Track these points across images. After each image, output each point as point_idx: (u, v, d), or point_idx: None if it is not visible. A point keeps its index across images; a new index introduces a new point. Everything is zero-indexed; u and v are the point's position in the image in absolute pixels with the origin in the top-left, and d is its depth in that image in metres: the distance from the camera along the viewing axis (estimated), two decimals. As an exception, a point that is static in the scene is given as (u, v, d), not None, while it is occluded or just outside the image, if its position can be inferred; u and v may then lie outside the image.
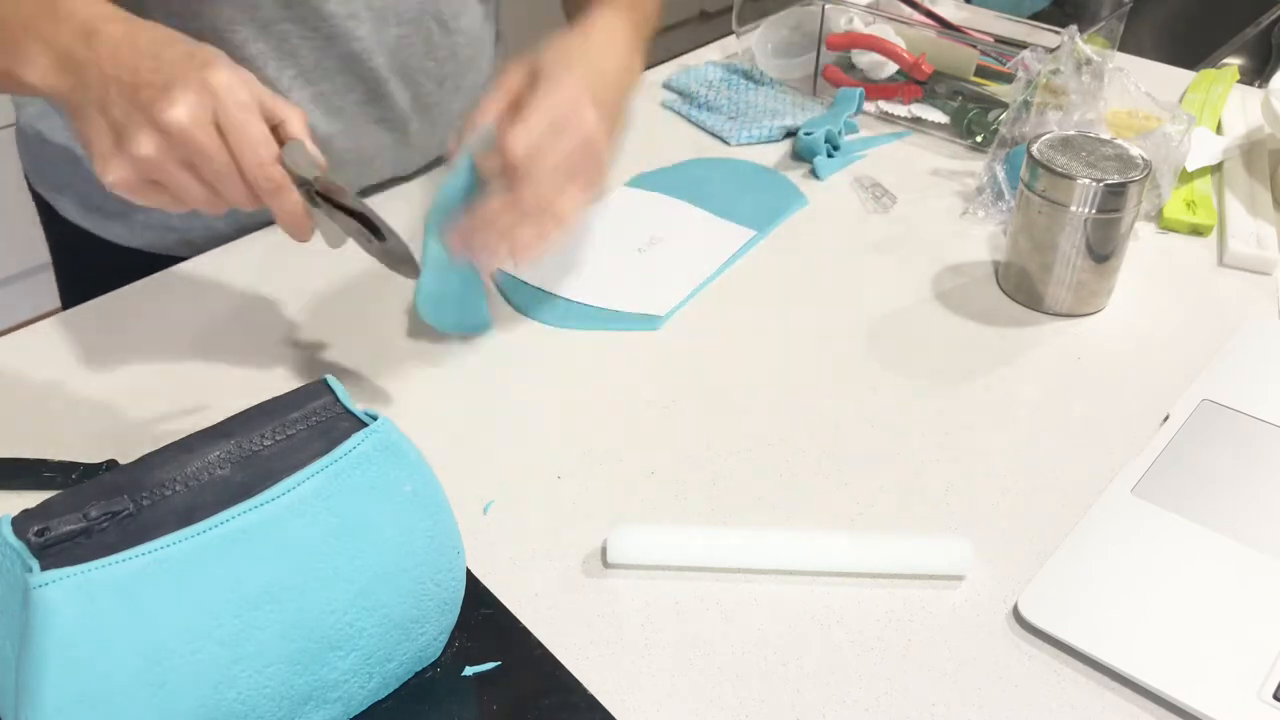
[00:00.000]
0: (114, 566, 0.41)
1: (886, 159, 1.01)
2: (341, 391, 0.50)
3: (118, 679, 0.41)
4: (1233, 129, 1.04)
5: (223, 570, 0.44)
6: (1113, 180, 0.75)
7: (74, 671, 0.40)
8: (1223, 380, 0.73)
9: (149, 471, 0.45)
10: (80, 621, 0.40)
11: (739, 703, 0.53)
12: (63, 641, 0.40)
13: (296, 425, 0.48)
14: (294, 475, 0.46)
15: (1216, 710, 0.52)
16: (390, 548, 0.48)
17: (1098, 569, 0.59)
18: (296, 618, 0.46)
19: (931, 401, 0.72)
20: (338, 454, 0.47)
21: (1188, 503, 0.63)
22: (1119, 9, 1.08)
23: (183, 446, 0.47)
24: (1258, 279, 0.86)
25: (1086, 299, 0.80)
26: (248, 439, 0.47)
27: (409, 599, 0.49)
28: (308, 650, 0.47)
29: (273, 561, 0.45)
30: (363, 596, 0.48)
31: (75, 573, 0.40)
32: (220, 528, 0.43)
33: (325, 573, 0.46)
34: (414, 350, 0.76)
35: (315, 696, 0.48)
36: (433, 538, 0.50)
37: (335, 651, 0.48)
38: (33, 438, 0.67)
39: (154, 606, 0.42)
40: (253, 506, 0.44)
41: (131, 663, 0.42)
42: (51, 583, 0.40)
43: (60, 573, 0.40)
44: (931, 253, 0.87)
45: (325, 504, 0.46)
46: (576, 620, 0.57)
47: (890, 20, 1.08)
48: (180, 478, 0.45)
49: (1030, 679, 0.55)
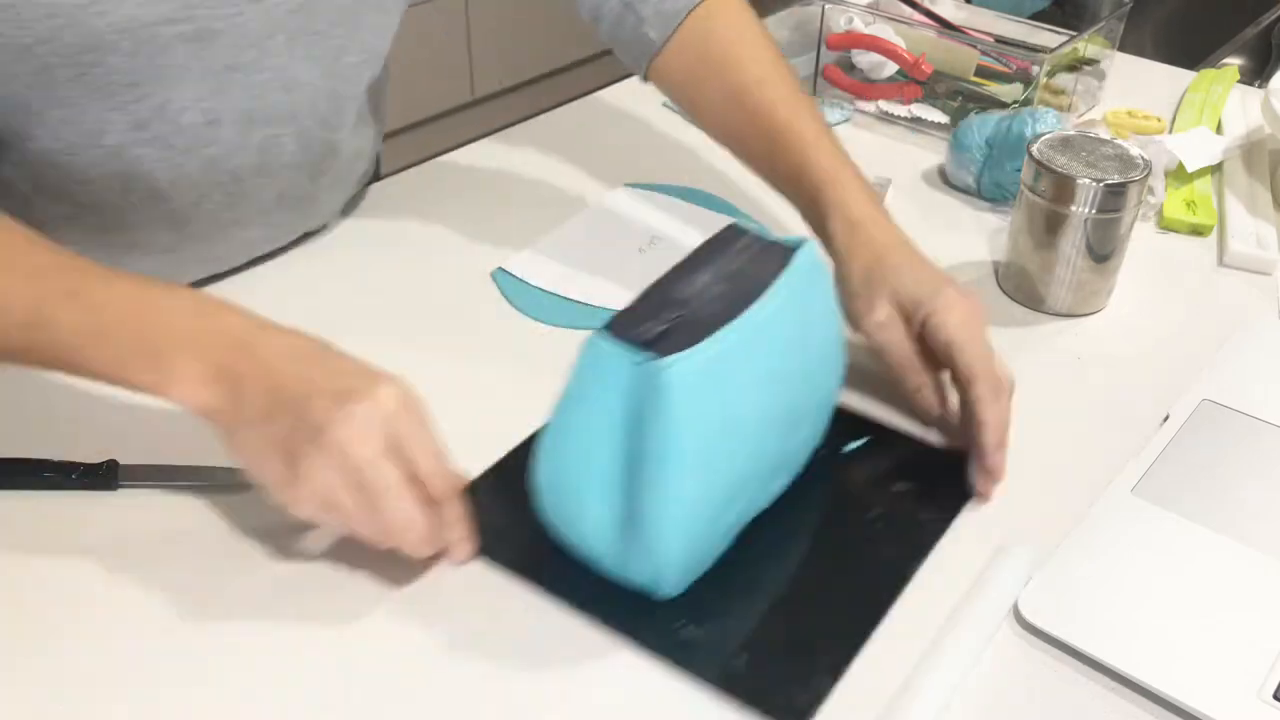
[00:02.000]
0: (702, 352, 0.51)
1: (887, 158, 1.01)
2: (759, 226, 0.61)
3: (710, 438, 0.52)
4: (1233, 129, 1.04)
5: (753, 356, 0.54)
6: (1113, 180, 0.75)
7: (694, 431, 0.51)
8: (1223, 380, 0.73)
9: (667, 295, 0.55)
10: (693, 393, 0.51)
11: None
12: (687, 407, 0.51)
13: (748, 251, 0.58)
14: (776, 281, 0.56)
15: (1216, 710, 0.52)
16: (827, 338, 0.61)
17: (1098, 569, 0.59)
18: (788, 393, 0.57)
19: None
20: (799, 262, 0.57)
21: (1188, 503, 0.63)
22: (1119, 9, 1.08)
23: (674, 279, 0.56)
24: (1258, 279, 0.86)
25: (1086, 299, 0.80)
26: (721, 266, 0.57)
27: (830, 384, 0.62)
28: (788, 421, 0.58)
29: (777, 347, 0.56)
30: (814, 377, 0.60)
31: (685, 356, 0.50)
32: (749, 322, 0.54)
33: (801, 356, 0.58)
34: (405, 353, 0.76)
35: (781, 466, 0.60)
36: (840, 334, 0.62)
37: (799, 425, 0.60)
38: (33, 438, 0.67)
39: (724, 382, 0.52)
40: (761, 306, 0.54)
41: (716, 425, 0.52)
42: (674, 364, 0.50)
43: (677, 357, 0.50)
44: (931, 253, 0.87)
45: (798, 301, 0.57)
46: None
47: (890, 20, 1.08)
48: (692, 296, 0.55)
49: (1030, 679, 0.55)
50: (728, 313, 0.53)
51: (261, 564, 0.60)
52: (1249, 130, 1.04)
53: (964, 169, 0.94)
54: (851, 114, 1.08)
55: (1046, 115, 0.89)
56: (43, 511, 0.62)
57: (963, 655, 0.54)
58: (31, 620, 0.57)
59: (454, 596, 0.58)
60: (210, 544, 0.61)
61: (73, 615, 0.57)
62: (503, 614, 0.57)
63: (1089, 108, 1.10)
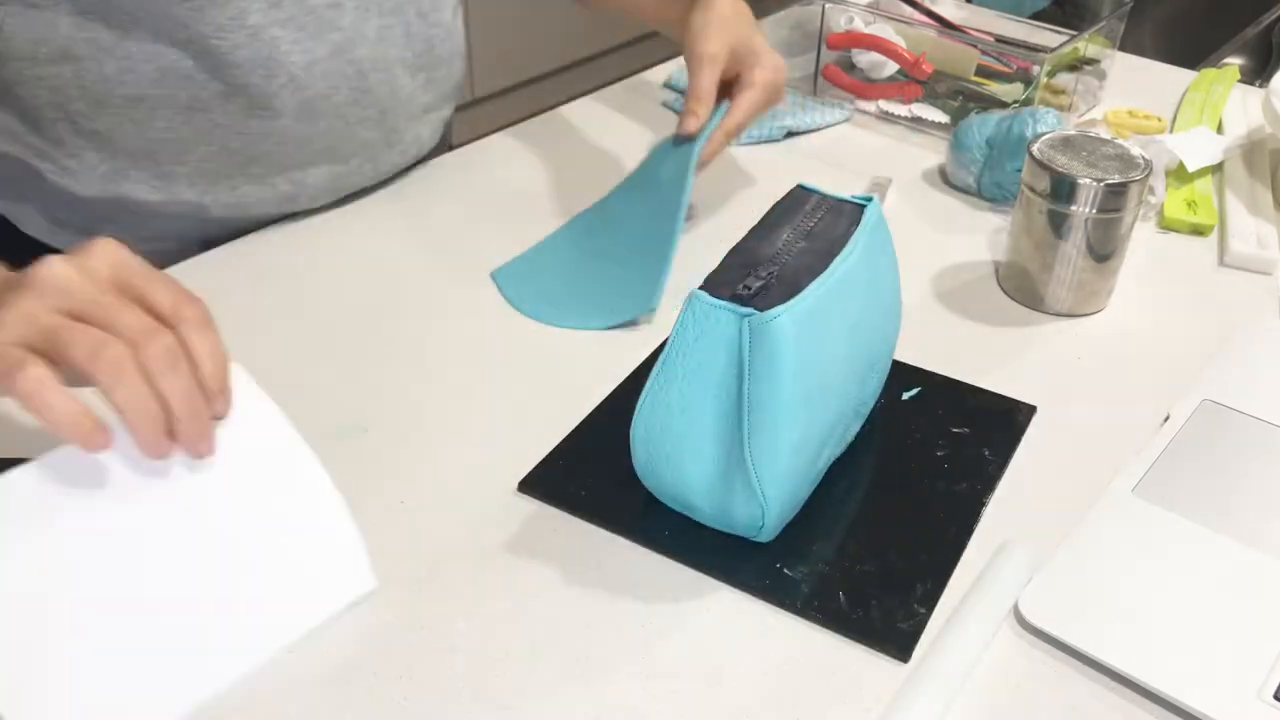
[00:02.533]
0: (801, 303, 0.55)
1: (887, 158, 1.01)
2: (822, 188, 0.65)
3: (809, 386, 0.56)
4: (1233, 129, 1.04)
5: (839, 307, 0.58)
6: (1113, 180, 0.75)
7: (796, 379, 0.55)
8: (1223, 380, 0.73)
9: (754, 255, 0.59)
10: (795, 343, 0.55)
11: (738, 701, 0.53)
12: (791, 356, 0.55)
13: (819, 211, 0.63)
14: (852, 237, 0.60)
15: (1216, 710, 0.52)
16: (893, 290, 0.65)
17: (1098, 569, 0.59)
18: (865, 341, 0.62)
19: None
20: (868, 218, 0.62)
21: (1188, 503, 0.63)
22: (1119, 9, 1.08)
23: (756, 240, 0.60)
24: (1258, 279, 0.86)
25: (1087, 299, 0.80)
26: (798, 225, 0.61)
27: (894, 334, 0.67)
28: (865, 368, 0.63)
29: (857, 298, 0.60)
30: (883, 327, 0.64)
31: (788, 308, 0.54)
32: (834, 276, 0.58)
33: (875, 306, 0.62)
34: (396, 364, 0.76)
35: (858, 411, 0.65)
36: (898, 287, 0.67)
37: (873, 371, 0.64)
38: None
39: (819, 333, 0.56)
40: (843, 259, 0.58)
41: (813, 373, 0.56)
42: (781, 315, 0.54)
43: (782, 309, 0.54)
44: (931, 253, 0.87)
45: (871, 255, 0.61)
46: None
47: (890, 20, 1.08)
48: (775, 255, 0.59)
49: (1030, 679, 0.55)
50: (815, 267, 0.58)
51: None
52: (1249, 130, 1.04)
53: (964, 169, 0.94)
54: (851, 114, 1.08)
55: (1047, 115, 0.89)
56: (43, 511, 0.62)
57: (963, 655, 0.54)
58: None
59: (550, 555, 0.60)
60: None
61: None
62: (606, 564, 0.60)
63: (1089, 108, 1.10)
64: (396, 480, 0.65)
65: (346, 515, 0.57)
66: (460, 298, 0.81)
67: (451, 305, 0.80)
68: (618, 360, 0.75)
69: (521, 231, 0.88)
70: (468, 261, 0.85)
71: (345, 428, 0.69)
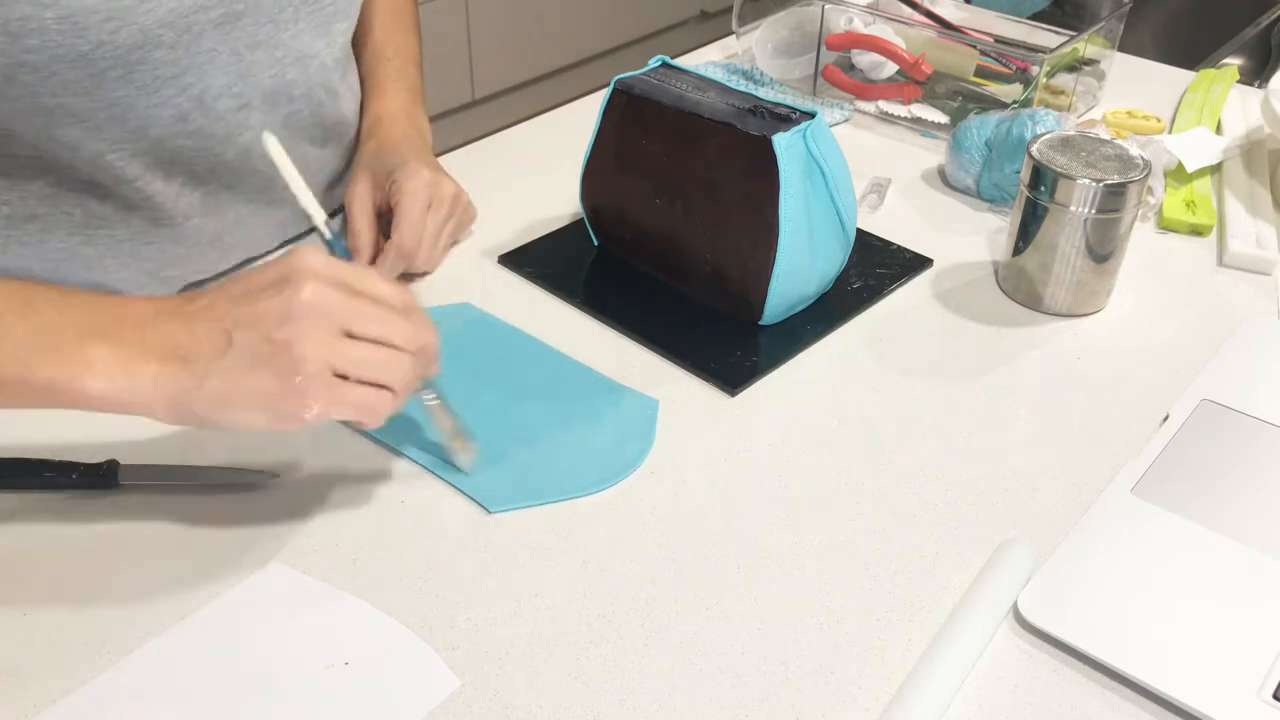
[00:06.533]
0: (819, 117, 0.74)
1: (887, 158, 1.01)
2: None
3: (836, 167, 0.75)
4: (1233, 129, 1.04)
5: (808, 161, 0.73)
6: (1113, 180, 0.75)
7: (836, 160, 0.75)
8: (1223, 380, 0.73)
9: (740, 106, 0.75)
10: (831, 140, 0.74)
11: (737, 701, 0.53)
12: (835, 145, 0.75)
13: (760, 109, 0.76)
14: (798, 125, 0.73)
15: (1216, 710, 0.52)
16: (846, 183, 0.77)
17: (1098, 569, 0.59)
18: (825, 211, 0.75)
19: (931, 402, 0.72)
20: (819, 117, 0.74)
21: (1188, 503, 0.63)
22: (1119, 9, 1.08)
23: (703, 102, 0.76)
24: (1258, 279, 0.86)
25: (1086, 299, 0.80)
26: (735, 99, 0.77)
27: (850, 227, 0.78)
28: (821, 239, 0.76)
29: (823, 159, 0.74)
30: (840, 217, 0.77)
31: (805, 127, 0.72)
32: (805, 132, 0.73)
33: (834, 182, 0.75)
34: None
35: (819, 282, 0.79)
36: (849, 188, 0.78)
37: (826, 246, 0.77)
38: (33, 438, 0.67)
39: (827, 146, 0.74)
40: (807, 123, 0.73)
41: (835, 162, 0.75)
42: (820, 117, 0.73)
43: (818, 116, 0.73)
44: (931, 253, 0.87)
45: (821, 141, 0.74)
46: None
47: (890, 20, 1.08)
48: (739, 102, 0.76)
49: (1030, 679, 0.55)
50: (794, 110, 0.74)
51: (262, 564, 0.60)
52: (1249, 130, 1.04)
53: (963, 170, 0.94)
54: (851, 114, 1.08)
55: (1046, 116, 0.89)
56: (43, 511, 0.63)
57: (963, 655, 0.54)
58: (32, 620, 0.57)
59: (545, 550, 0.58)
60: (210, 544, 0.61)
61: (73, 615, 0.57)
62: (605, 561, 0.58)
63: (1089, 108, 1.10)
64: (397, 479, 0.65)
65: (406, 632, 0.56)
66: (459, 294, 0.81)
67: (451, 304, 0.80)
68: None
69: (522, 231, 0.88)
70: (467, 261, 0.85)
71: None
